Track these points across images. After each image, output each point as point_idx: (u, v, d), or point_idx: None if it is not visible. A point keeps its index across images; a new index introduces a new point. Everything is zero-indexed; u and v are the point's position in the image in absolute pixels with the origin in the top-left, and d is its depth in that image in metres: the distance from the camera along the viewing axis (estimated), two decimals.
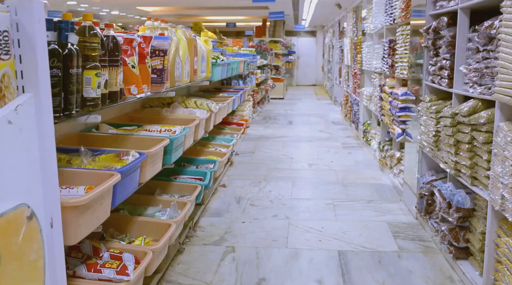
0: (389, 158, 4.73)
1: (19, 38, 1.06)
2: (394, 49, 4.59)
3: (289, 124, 8.78)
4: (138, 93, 1.79)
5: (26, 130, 1.05)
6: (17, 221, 0.99)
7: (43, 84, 1.08)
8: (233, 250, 3.13)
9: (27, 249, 1.03)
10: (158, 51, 2.06)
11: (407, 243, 3.25)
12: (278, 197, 4.31)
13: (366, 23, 6.39)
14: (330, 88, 13.76)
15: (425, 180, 3.45)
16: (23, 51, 1.06)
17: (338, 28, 11.46)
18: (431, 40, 3.31)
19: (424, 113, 3.37)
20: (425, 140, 3.33)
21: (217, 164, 3.12)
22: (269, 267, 2.90)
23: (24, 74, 1.08)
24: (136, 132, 2.22)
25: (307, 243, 3.25)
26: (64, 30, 1.28)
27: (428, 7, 3.42)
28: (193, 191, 2.66)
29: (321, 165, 5.50)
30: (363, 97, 6.56)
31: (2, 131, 0.96)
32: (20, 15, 1.05)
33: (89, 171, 1.57)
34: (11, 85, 1.05)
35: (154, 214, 2.16)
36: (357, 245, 3.20)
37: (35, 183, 1.08)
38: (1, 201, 0.96)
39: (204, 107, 3.01)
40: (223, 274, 2.80)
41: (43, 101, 1.08)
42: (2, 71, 1.02)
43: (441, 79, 3.10)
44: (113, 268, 1.58)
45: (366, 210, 3.93)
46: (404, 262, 2.95)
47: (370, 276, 2.77)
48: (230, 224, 3.61)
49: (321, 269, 2.87)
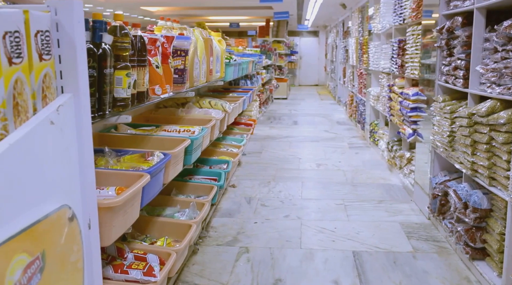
0: (399, 158, 4.72)
1: (58, 38, 1.05)
2: (403, 49, 4.58)
3: (294, 124, 8.77)
4: (162, 93, 1.79)
5: (66, 131, 1.04)
6: (60, 222, 0.98)
7: (82, 84, 1.08)
8: (247, 251, 3.13)
9: (69, 250, 1.02)
10: (180, 51, 2.05)
11: (421, 243, 3.24)
12: (288, 197, 4.30)
13: (373, 23, 6.38)
14: (333, 88, 13.75)
15: (438, 180, 3.44)
16: (63, 52, 1.06)
17: (342, 28, 11.45)
18: (444, 40, 3.30)
19: (438, 114, 3.36)
20: (439, 141, 3.32)
21: (230, 164, 3.12)
22: (285, 267, 2.89)
23: (64, 75, 1.07)
24: (156, 133, 2.21)
25: (320, 243, 3.25)
26: (98, 30, 1.27)
27: (441, 7, 3.41)
28: (208, 192, 2.65)
29: (329, 165, 5.49)
30: (369, 97, 6.55)
31: (45, 132, 0.95)
32: (60, 15, 1.04)
33: (118, 171, 1.56)
34: (52, 86, 1.04)
35: (173, 215, 2.15)
36: (371, 246, 3.19)
37: (75, 184, 1.07)
38: (45, 202, 0.96)
39: (218, 107, 3.01)
40: (239, 275, 2.80)
41: (82, 102, 1.08)
42: (44, 72, 1.01)
43: (456, 80, 3.09)
44: (140, 269, 1.58)
45: (378, 210, 3.92)
46: (419, 262, 2.94)
47: (387, 276, 2.76)
48: (242, 224, 3.61)
49: (336, 269, 2.86)
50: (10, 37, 0.89)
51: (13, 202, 0.86)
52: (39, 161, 0.94)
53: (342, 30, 11.50)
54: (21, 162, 0.87)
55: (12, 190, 0.85)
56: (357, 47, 8.18)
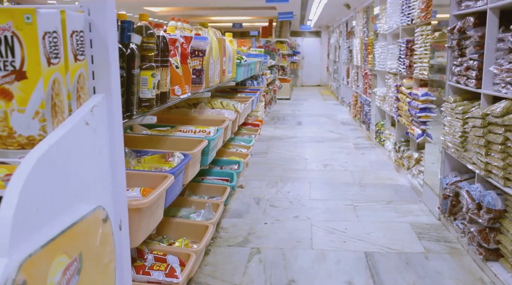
0: (407, 158, 4.71)
1: (91, 39, 1.04)
2: (412, 50, 4.57)
3: (298, 124, 8.76)
4: (182, 94, 1.78)
5: (99, 131, 1.03)
6: (95, 223, 0.98)
7: (114, 85, 1.07)
8: (258, 251, 3.12)
9: (102, 252, 1.01)
10: (198, 52, 2.04)
11: (433, 244, 3.23)
12: (297, 197, 4.29)
13: (379, 23, 6.38)
14: (336, 88, 13.74)
15: (449, 180, 3.43)
16: (95, 52, 1.05)
17: (345, 28, 11.44)
18: (455, 40, 3.29)
19: (449, 114, 3.35)
20: (450, 141, 3.31)
21: (241, 165, 3.11)
22: (297, 268, 2.88)
23: (96, 75, 1.06)
24: (171, 133, 2.21)
25: (332, 244, 3.24)
26: (126, 30, 1.26)
27: (452, 7, 3.41)
28: (220, 192, 2.65)
29: (336, 166, 5.48)
30: (375, 97, 6.54)
31: (81, 133, 0.94)
32: (93, 15, 1.03)
33: (143, 172, 1.55)
34: (85, 86, 1.04)
35: (189, 216, 2.15)
36: (382, 246, 3.18)
37: (107, 185, 1.07)
38: (81, 204, 0.95)
39: (230, 107, 3.00)
40: (252, 276, 2.79)
41: (114, 102, 1.07)
42: (79, 72, 1.01)
43: (468, 80, 3.09)
44: (161, 270, 1.57)
45: (387, 211, 3.91)
46: (432, 263, 2.93)
47: (400, 277, 2.75)
48: (252, 225, 3.60)
49: (349, 270, 2.85)
50: (49, 37, 0.89)
51: (54, 203, 0.85)
52: (76, 161, 0.93)
53: (345, 30, 11.49)
54: (59, 163, 0.87)
55: (52, 191, 0.85)
56: (361, 47, 8.17)
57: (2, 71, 0.87)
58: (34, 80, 0.86)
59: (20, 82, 0.87)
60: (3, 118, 0.88)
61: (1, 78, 0.87)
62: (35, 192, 0.79)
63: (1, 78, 0.87)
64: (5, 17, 0.85)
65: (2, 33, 0.86)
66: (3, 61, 0.87)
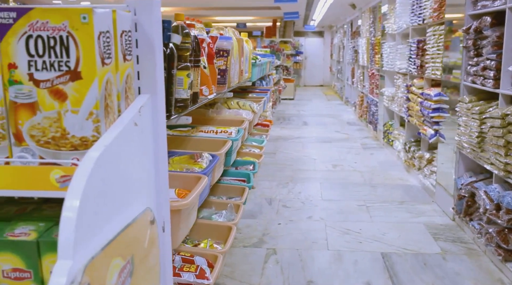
0: (418, 159, 4.70)
1: (137, 39, 1.03)
2: (423, 50, 4.56)
3: (304, 125, 8.75)
4: (209, 94, 1.77)
5: (146, 132, 1.02)
6: (144, 225, 0.97)
7: (159, 85, 1.06)
8: (274, 252, 3.11)
9: (150, 254, 1.00)
10: (222, 52, 2.04)
11: (449, 245, 3.22)
12: (308, 198, 4.28)
13: (387, 23, 6.36)
14: (340, 89, 13.72)
15: (464, 181, 3.42)
16: (141, 52, 1.04)
17: (350, 28, 11.43)
18: (471, 40, 3.28)
19: (464, 114, 3.34)
20: (466, 142, 3.30)
21: (257, 166, 3.09)
22: (315, 269, 2.87)
23: (141, 75, 1.05)
24: (193, 134, 2.20)
25: (347, 245, 3.23)
26: (166, 30, 1.25)
27: (467, 7, 3.40)
28: (238, 193, 2.64)
29: (345, 166, 5.47)
30: (383, 98, 6.53)
31: (130, 134, 0.93)
32: (139, 15, 1.02)
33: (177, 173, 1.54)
34: (132, 86, 1.03)
35: (211, 216, 2.14)
36: (398, 247, 3.17)
37: (152, 186, 1.06)
38: (132, 205, 0.94)
39: (247, 108, 2.99)
40: (270, 277, 2.78)
41: (158, 103, 1.06)
42: (127, 72, 1.00)
43: (485, 80, 3.07)
44: (192, 271, 1.56)
45: (400, 212, 3.90)
46: (449, 264, 2.92)
47: (418, 278, 2.74)
48: (266, 225, 3.59)
49: (367, 271, 2.84)
50: (103, 37, 0.88)
51: (110, 205, 0.84)
52: (127, 162, 0.92)
53: (350, 30, 11.47)
54: (113, 164, 0.86)
55: (108, 193, 0.84)
56: (368, 47, 8.16)
57: (57, 71, 0.86)
58: (89, 80, 0.85)
59: (75, 82, 0.86)
60: (57, 119, 0.87)
61: (55, 79, 0.86)
62: (94, 194, 0.78)
63: (55, 79, 0.86)
64: (60, 17, 0.84)
65: (57, 33, 0.85)
66: (57, 61, 0.85)
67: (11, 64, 0.86)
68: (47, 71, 0.86)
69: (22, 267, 0.85)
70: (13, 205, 1.02)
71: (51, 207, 1.00)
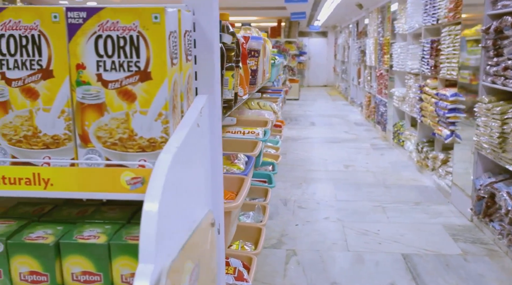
0: (432, 159, 4.69)
1: (195, 39, 1.02)
2: (437, 50, 4.55)
3: (311, 125, 8.73)
4: (244, 94, 1.76)
5: (205, 133, 1.01)
6: (206, 228, 0.95)
7: (216, 85, 1.05)
8: (294, 253, 3.09)
9: (211, 258, 0.99)
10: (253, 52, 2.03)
11: (469, 246, 3.20)
12: (323, 199, 4.27)
13: (397, 23, 6.35)
14: (345, 89, 13.70)
15: (483, 182, 3.40)
16: (199, 52, 1.03)
17: (356, 28, 11.41)
18: (491, 40, 3.27)
19: (484, 114, 3.33)
20: (486, 142, 3.29)
21: (276, 166, 3.08)
22: (337, 270, 2.86)
23: (198, 76, 1.04)
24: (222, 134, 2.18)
25: (367, 246, 3.21)
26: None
27: (486, 7, 3.38)
28: (261, 194, 2.62)
29: (357, 167, 5.45)
30: (393, 98, 6.51)
31: (194, 135, 0.92)
32: (198, 15, 1.01)
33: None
34: (192, 87, 1.02)
35: (239, 218, 2.12)
36: (418, 248, 3.16)
37: (209, 187, 1.05)
38: (197, 207, 0.93)
39: (267, 108, 2.98)
40: (292, 278, 2.77)
41: (216, 103, 1.05)
42: (188, 73, 0.98)
43: (507, 80, 3.06)
44: (230, 274, 1.55)
45: (416, 212, 3.88)
46: (472, 265, 2.91)
47: (442, 280, 2.73)
48: (283, 226, 3.58)
49: (389, 272, 2.83)
50: (172, 37, 0.86)
51: (182, 207, 0.83)
52: (192, 164, 0.91)
53: (355, 30, 11.46)
54: (183, 166, 0.84)
55: (180, 195, 0.82)
56: (376, 47, 8.14)
57: (126, 72, 0.84)
58: (159, 81, 0.84)
59: (144, 83, 0.84)
60: (125, 120, 0.86)
61: (124, 79, 0.85)
62: (170, 197, 0.77)
63: (124, 79, 0.85)
64: (131, 17, 0.83)
65: (127, 33, 0.83)
66: (127, 61, 0.84)
67: (79, 65, 0.85)
68: (116, 71, 0.85)
69: (92, 270, 0.84)
70: (72, 207, 1.00)
71: (111, 208, 0.99)
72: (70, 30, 0.84)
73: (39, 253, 0.83)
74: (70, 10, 0.84)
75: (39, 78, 0.86)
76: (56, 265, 0.84)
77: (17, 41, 0.85)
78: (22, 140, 0.89)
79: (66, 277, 0.85)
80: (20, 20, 0.85)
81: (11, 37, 0.85)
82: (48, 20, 0.84)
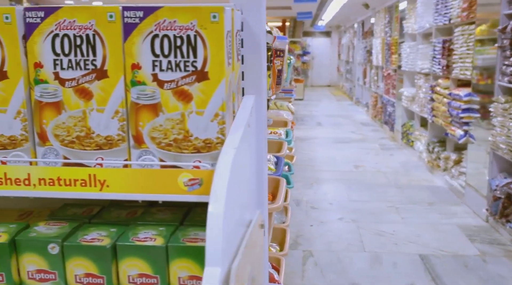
0: (443, 159, 4.67)
1: (242, 38, 1.01)
2: (449, 50, 4.53)
3: (318, 125, 8.72)
4: (271, 94, 1.75)
5: (253, 134, 1.00)
6: (257, 229, 0.94)
7: (263, 86, 1.04)
8: (311, 254, 3.08)
9: (261, 260, 0.98)
10: (279, 52, 2.01)
11: (486, 247, 3.19)
12: (335, 199, 4.25)
13: (406, 23, 6.33)
14: (349, 89, 13.68)
15: (499, 182, 3.39)
16: (246, 52, 1.01)
17: (361, 28, 11.39)
18: (507, 40, 3.25)
19: (500, 114, 3.31)
20: (503, 142, 3.27)
21: (292, 167, 3.06)
22: (355, 271, 2.85)
23: (246, 76, 1.03)
24: None
25: (383, 246, 3.20)
26: None
27: (503, 7, 3.37)
28: None
29: (367, 167, 5.44)
30: (402, 98, 6.49)
31: (246, 135, 0.91)
32: (246, 14, 1.00)
33: None
34: (240, 87, 1.01)
35: None
36: (435, 249, 3.14)
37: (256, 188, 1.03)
38: (250, 209, 0.92)
39: (284, 108, 2.97)
40: (311, 279, 2.75)
41: (262, 103, 1.04)
42: (239, 72, 0.97)
43: None
44: None
45: (431, 213, 3.87)
46: (491, 266, 2.89)
47: (463, 281, 2.71)
48: (298, 227, 3.56)
49: (408, 273, 2.82)
50: (228, 36, 0.85)
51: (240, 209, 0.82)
52: (245, 165, 0.90)
53: (361, 30, 11.44)
54: (240, 167, 0.83)
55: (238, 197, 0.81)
56: (383, 47, 8.12)
57: (182, 72, 0.83)
58: (216, 81, 0.83)
59: (201, 83, 0.83)
60: (180, 121, 0.85)
61: (180, 79, 0.84)
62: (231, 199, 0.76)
63: (181, 79, 0.83)
64: (189, 16, 0.81)
65: (184, 33, 0.82)
66: (183, 61, 0.83)
67: (134, 65, 0.84)
68: (172, 71, 0.84)
69: (149, 273, 0.83)
70: (119, 208, 0.99)
71: (160, 210, 0.98)
72: (126, 30, 0.83)
73: (95, 255, 0.82)
74: (127, 10, 0.82)
75: (93, 78, 0.85)
76: (112, 268, 0.83)
77: (71, 41, 0.84)
78: (75, 141, 0.88)
79: (122, 279, 0.84)
80: (74, 20, 0.84)
81: (65, 37, 0.84)
82: (104, 19, 0.83)
